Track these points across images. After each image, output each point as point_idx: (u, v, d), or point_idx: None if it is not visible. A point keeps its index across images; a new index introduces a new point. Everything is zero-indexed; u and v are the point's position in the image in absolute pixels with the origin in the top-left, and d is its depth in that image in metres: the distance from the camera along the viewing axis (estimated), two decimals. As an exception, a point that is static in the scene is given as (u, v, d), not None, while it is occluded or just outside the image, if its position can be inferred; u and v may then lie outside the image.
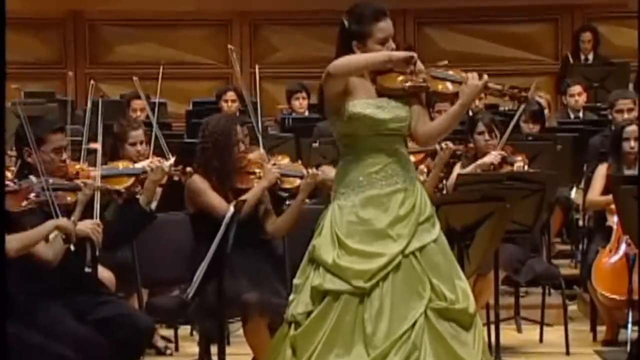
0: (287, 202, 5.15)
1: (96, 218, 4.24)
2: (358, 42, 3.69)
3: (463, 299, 3.64)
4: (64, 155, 4.33)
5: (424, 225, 3.67)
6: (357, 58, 3.65)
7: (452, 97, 3.78)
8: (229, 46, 7.18)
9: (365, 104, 3.67)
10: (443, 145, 5.38)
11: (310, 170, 4.98)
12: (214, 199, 4.73)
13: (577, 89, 8.47)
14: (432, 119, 3.84)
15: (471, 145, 5.72)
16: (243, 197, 4.64)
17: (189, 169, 4.65)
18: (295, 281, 3.74)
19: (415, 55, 3.65)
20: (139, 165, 4.84)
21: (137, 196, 4.62)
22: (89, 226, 4.19)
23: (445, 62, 3.81)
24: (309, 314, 3.63)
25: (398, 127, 3.70)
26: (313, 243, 3.71)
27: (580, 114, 8.44)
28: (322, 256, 3.64)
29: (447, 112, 3.78)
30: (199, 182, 4.74)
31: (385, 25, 3.70)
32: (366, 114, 3.66)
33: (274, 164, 4.95)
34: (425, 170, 5.41)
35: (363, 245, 3.62)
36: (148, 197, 4.60)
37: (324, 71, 3.68)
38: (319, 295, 3.62)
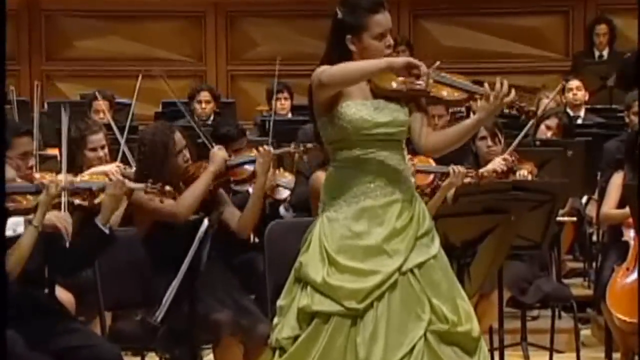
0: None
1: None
2: (352, 35, 3.70)
3: (466, 321, 3.65)
4: (31, 162, 4.32)
5: (422, 239, 3.69)
6: (354, 67, 3.65)
7: (454, 105, 3.81)
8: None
9: (360, 105, 3.68)
10: (455, 168, 5.35)
11: (261, 148, 5.01)
12: (158, 202, 4.73)
13: (575, 83, 8.52)
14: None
15: (482, 171, 5.69)
16: (194, 187, 4.64)
17: (168, 187, 4.63)
18: (280, 302, 3.73)
19: (419, 64, 3.62)
20: (101, 168, 4.83)
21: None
22: (59, 216, 4.18)
23: (437, 62, 3.81)
24: (295, 338, 3.63)
25: (396, 132, 3.71)
26: (300, 260, 3.71)
27: (581, 113, 8.47)
28: (310, 274, 3.64)
29: (460, 126, 3.79)
30: (142, 194, 4.74)
31: (382, 18, 3.71)
32: (361, 116, 3.67)
33: (219, 149, 5.00)
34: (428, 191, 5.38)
35: (356, 262, 3.62)
36: (106, 214, 4.56)
37: (314, 70, 3.68)
38: (307, 317, 3.62)
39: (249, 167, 5.04)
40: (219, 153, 4.99)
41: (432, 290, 3.63)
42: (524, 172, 5.65)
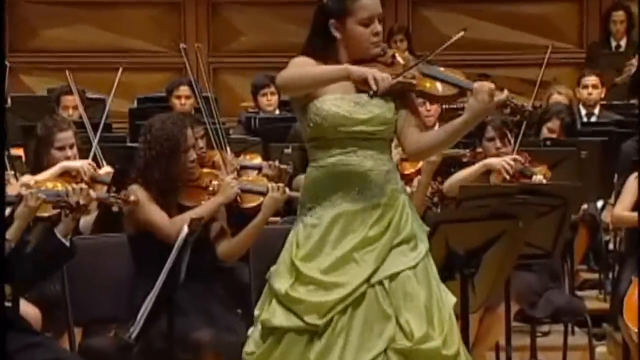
0: None
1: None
2: (336, 20, 3.70)
3: (439, 334, 3.65)
4: None
5: (400, 247, 3.69)
6: (306, 73, 3.65)
7: (443, 100, 3.79)
8: (182, 45, 7.18)
9: (338, 100, 3.68)
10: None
11: (275, 185, 5.01)
12: (155, 214, 4.76)
13: (592, 79, 8.52)
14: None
15: (479, 150, 5.75)
16: (195, 213, 4.67)
17: (132, 197, 4.64)
18: (255, 311, 3.78)
19: (379, 80, 3.54)
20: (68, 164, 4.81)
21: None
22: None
23: (427, 53, 3.81)
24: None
25: (377, 131, 3.71)
26: (271, 269, 3.76)
27: (596, 111, 8.50)
28: (275, 284, 3.69)
29: (447, 126, 3.77)
30: (137, 191, 4.76)
31: (369, 2, 3.73)
32: (337, 112, 3.67)
33: (234, 178, 4.98)
34: (416, 183, 5.44)
35: (322, 273, 3.65)
36: (67, 225, 4.56)
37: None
38: (267, 332, 3.67)
39: (257, 198, 5.00)
40: (231, 184, 4.95)
41: (403, 304, 3.64)
42: (540, 178, 5.66)
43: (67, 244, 4.49)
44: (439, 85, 3.75)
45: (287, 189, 5.01)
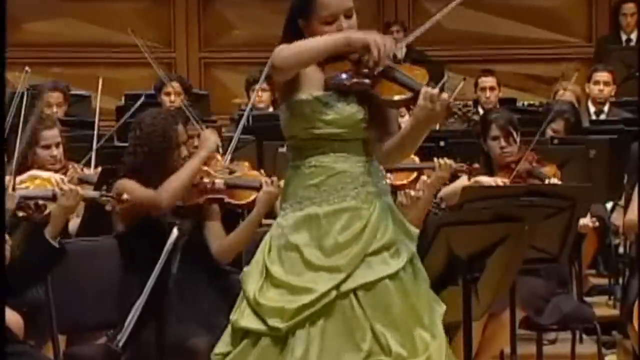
0: None
1: None
2: (303, 20, 3.69)
3: (422, 352, 3.61)
4: None
5: (378, 256, 3.64)
6: (308, 46, 3.62)
7: (394, 106, 3.73)
8: (129, 30, 7.16)
9: (307, 97, 3.66)
10: (440, 161, 5.40)
11: (269, 179, 5.03)
12: (140, 190, 4.78)
13: (604, 76, 8.53)
14: None
15: (476, 165, 5.72)
16: (180, 174, 4.70)
17: (125, 196, 4.66)
18: (231, 315, 3.76)
19: (381, 46, 3.51)
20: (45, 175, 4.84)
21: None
22: None
23: (400, 44, 3.75)
24: (225, 355, 3.69)
25: (346, 132, 3.68)
26: (244, 269, 3.77)
27: (605, 108, 8.51)
28: (246, 286, 3.70)
29: (400, 133, 3.72)
30: (126, 184, 4.80)
31: None
32: (304, 111, 3.66)
33: (212, 132, 5.03)
34: (413, 193, 5.41)
35: (292, 276, 3.64)
36: (56, 227, 4.58)
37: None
38: (238, 334, 3.67)
39: (250, 194, 5.03)
40: (210, 136, 5.04)
41: (380, 316, 3.61)
42: (554, 181, 5.66)
43: (56, 245, 4.50)
44: (394, 89, 3.63)
45: (281, 183, 5.00)
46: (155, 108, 5.45)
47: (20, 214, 4.41)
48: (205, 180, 5.01)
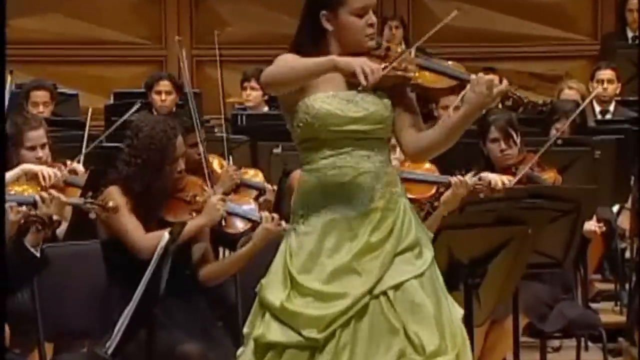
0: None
1: None
2: (327, 11, 3.71)
3: (452, 349, 3.67)
4: None
5: (404, 255, 3.70)
6: (290, 67, 3.65)
7: (446, 93, 3.80)
8: (177, 38, 7.18)
9: (329, 97, 3.69)
10: (457, 179, 5.33)
11: (269, 215, 4.97)
12: (130, 224, 4.75)
13: (607, 74, 8.55)
14: (433, 117, 3.86)
15: (499, 187, 5.68)
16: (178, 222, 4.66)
17: (111, 203, 4.63)
18: (245, 329, 3.78)
19: (368, 72, 3.56)
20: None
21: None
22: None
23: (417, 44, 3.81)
24: None
25: (371, 130, 3.71)
26: (261, 281, 3.75)
27: (611, 108, 8.52)
28: (268, 298, 3.69)
29: (444, 122, 3.79)
30: (115, 195, 4.76)
31: None
32: (328, 110, 3.68)
33: (221, 199, 4.95)
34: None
35: (321, 283, 3.65)
36: (37, 235, 4.56)
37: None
38: (263, 349, 3.67)
39: (242, 223, 5.01)
40: (217, 206, 4.91)
41: (411, 315, 3.65)
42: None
43: (37, 254, 4.49)
44: (436, 77, 3.76)
45: (283, 222, 4.95)
46: (154, 116, 5.39)
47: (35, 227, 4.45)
48: (199, 198, 4.95)
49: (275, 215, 5.01)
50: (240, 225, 5.04)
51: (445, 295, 3.78)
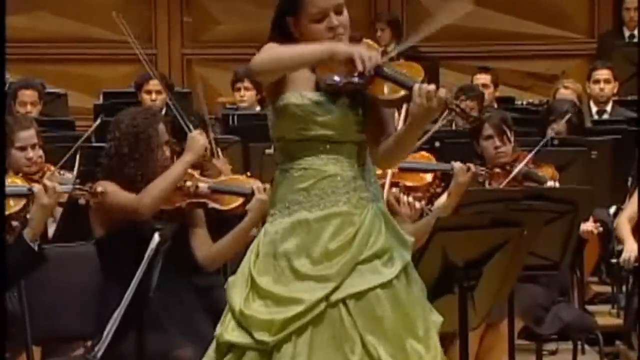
0: None
1: None
2: (292, 18, 3.68)
3: None
4: None
5: (371, 263, 3.64)
6: (285, 52, 3.61)
7: (389, 105, 3.74)
8: (114, 13, 7.13)
9: (298, 98, 3.66)
10: (458, 165, 5.30)
11: (261, 185, 5.02)
12: (121, 195, 4.78)
13: (604, 73, 8.56)
14: None
15: (497, 170, 5.70)
16: (165, 177, 4.70)
17: (100, 188, 4.66)
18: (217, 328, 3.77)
19: (366, 59, 3.52)
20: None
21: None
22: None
23: (392, 46, 3.74)
24: None
25: (336, 135, 3.67)
26: (229, 279, 3.76)
27: (608, 108, 8.53)
28: (231, 298, 3.69)
29: (397, 132, 3.73)
30: (107, 184, 4.79)
31: None
32: (295, 112, 3.65)
33: (199, 132, 5.02)
34: (418, 206, 5.31)
35: (279, 286, 3.64)
36: (35, 229, 4.57)
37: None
38: (222, 348, 3.67)
39: (236, 199, 5.03)
40: (198, 138, 5.02)
41: (370, 326, 3.61)
42: (552, 184, 5.66)
43: (35, 248, 4.49)
44: (390, 88, 3.64)
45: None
46: (134, 107, 5.43)
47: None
48: (188, 183, 4.99)
49: (267, 186, 5.01)
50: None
51: (422, 304, 3.71)
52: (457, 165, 5.35)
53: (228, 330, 3.65)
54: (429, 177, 5.41)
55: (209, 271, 5.06)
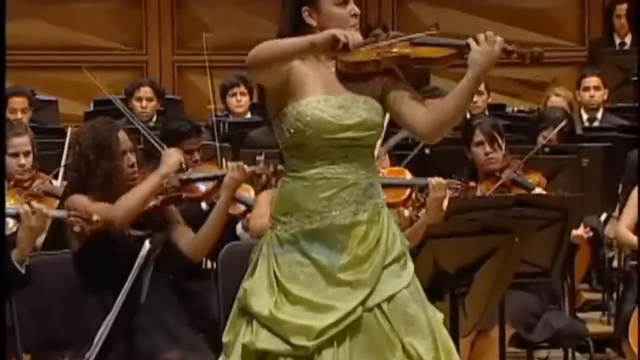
0: None
1: None
2: (309, 5, 3.70)
3: (444, 357, 3.69)
4: None
5: (391, 267, 3.69)
6: (276, 44, 3.64)
7: (443, 63, 3.80)
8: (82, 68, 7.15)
9: (322, 103, 3.67)
10: (434, 180, 5.31)
11: (235, 164, 5.05)
12: (95, 205, 4.76)
13: (593, 81, 8.58)
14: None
15: (472, 184, 5.69)
16: (139, 189, 4.70)
17: (96, 217, 4.64)
18: (224, 338, 3.74)
19: (344, 36, 3.57)
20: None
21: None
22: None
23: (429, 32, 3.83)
24: None
25: (365, 136, 3.70)
26: (244, 286, 3.73)
27: (598, 115, 8.54)
28: (254, 305, 3.66)
29: (453, 92, 3.77)
30: (76, 199, 4.78)
31: None
32: (322, 117, 3.65)
33: (175, 150, 5.05)
34: (407, 214, 5.34)
35: (312, 293, 3.64)
36: (23, 250, 4.54)
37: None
38: (252, 356, 3.64)
39: (205, 185, 5.04)
40: (173, 154, 5.02)
41: (406, 327, 3.66)
42: (539, 190, 5.66)
43: (22, 270, 4.47)
44: (432, 49, 3.76)
45: (246, 167, 5.03)
46: (91, 120, 5.41)
47: None
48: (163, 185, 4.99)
49: (240, 163, 5.09)
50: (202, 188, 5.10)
51: (427, 304, 3.77)
52: (432, 180, 5.33)
53: (259, 338, 3.63)
54: (406, 192, 5.38)
55: (198, 272, 5.05)
